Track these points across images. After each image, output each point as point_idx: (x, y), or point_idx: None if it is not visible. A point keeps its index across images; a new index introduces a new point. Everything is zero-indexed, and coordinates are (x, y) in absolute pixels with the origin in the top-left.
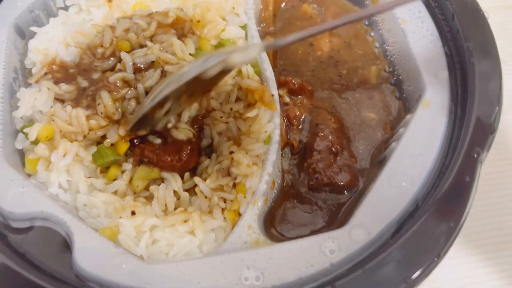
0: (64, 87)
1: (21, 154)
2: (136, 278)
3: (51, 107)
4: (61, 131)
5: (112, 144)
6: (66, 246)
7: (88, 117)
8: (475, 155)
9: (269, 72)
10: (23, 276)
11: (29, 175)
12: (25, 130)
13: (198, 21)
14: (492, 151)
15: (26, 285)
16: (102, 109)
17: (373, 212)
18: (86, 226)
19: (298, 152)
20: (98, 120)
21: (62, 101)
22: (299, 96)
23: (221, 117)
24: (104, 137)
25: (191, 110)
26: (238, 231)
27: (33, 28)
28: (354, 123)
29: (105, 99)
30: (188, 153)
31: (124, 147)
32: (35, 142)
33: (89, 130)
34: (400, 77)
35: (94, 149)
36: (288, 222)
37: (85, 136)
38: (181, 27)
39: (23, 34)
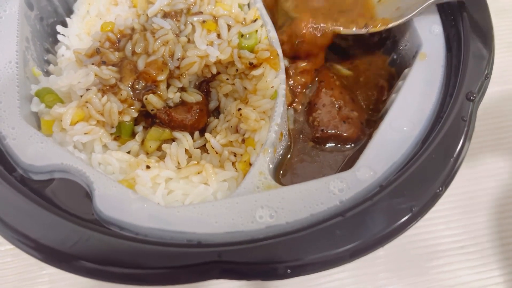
0: (106, 71)
1: (37, 117)
2: (156, 220)
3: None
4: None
5: None
6: (86, 195)
7: (121, 113)
8: (471, 98)
9: (272, 33)
10: (50, 216)
11: None
12: (56, 110)
13: None
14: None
15: (52, 224)
16: (150, 107)
17: (378, 154)
18: (105, 175)
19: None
20: (131, 114)
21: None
22: None
23: (227, 79)
24: None
25: (198, 76)
26: (250, 178)
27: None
28: (354, 83)
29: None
30: (198, 112)
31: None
32: (50, 106)
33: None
34: (396, 38)
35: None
36: (297, 175)
37: (112, 126)
38: None
39: (32, 6)
